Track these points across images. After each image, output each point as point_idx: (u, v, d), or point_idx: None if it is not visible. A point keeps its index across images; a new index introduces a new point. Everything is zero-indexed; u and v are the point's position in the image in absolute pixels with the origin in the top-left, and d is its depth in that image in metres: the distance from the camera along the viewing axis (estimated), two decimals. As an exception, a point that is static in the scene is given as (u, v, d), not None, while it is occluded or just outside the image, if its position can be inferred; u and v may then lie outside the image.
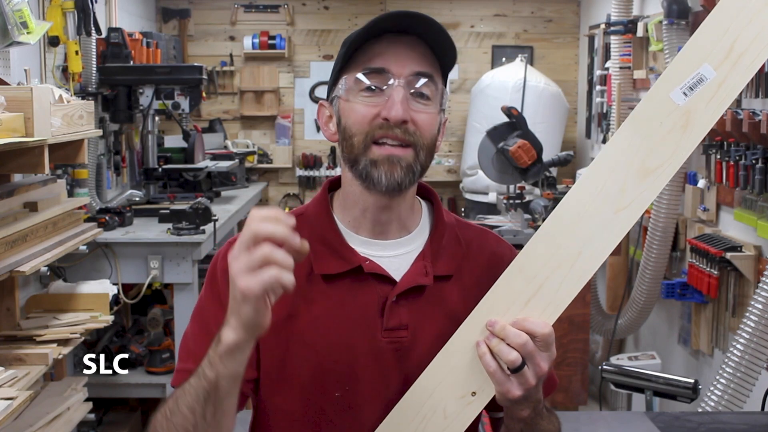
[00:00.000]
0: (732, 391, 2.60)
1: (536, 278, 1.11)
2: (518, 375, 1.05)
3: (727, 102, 1.09)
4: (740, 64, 1.08)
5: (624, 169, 1.10)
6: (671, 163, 1.09)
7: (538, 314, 1.09)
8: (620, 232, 1.10)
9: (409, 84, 1.15)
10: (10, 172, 2.69)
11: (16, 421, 2.44)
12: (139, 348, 3.67)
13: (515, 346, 1.05)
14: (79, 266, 3.29)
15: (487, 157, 3.85)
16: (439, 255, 1.24)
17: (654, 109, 1.11)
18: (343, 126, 1.18)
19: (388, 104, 1.13)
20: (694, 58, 1.09)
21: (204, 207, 3.48)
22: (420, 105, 1.16)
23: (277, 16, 5.76)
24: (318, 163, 5.78)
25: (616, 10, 4.14)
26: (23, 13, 2.67)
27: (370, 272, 1.19)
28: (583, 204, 1.11)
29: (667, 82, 1.10)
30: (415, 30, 1.16)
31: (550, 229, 1.12)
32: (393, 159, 1.14)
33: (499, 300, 1.11)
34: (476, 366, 1.10)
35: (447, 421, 1.12)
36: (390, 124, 1.13)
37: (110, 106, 3.89)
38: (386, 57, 1.15)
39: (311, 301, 1.19)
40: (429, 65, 1.17)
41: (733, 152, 2.89)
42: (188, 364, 1.16)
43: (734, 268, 2.99)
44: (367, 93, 1.15)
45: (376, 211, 1.21)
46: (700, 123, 1.09)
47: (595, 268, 1.10)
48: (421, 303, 1.20)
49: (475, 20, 5.79)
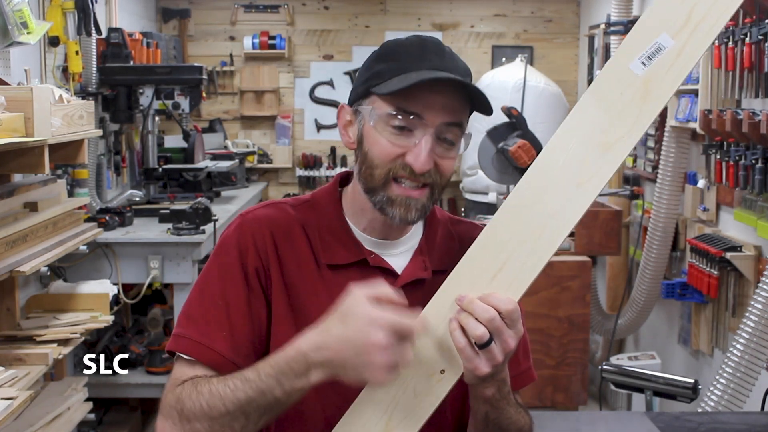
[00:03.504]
0: (732, 391, 2.60)
1: (501, 254, 1.10)
2: (486, 351, 1.05)
3: (686, 70, 1.08)
4: (698, 32, 1.07)
5: (585, 142, 1.10)
6: (631, 135, 1.09)
7: (504, 290, 1.08)
8: (583, 205, 1.10)
9: (438, 132, 1.16)
10: (10, 172, 2.69)
11: (16, 421, 2.44)
12: (139, 348, 3.67)
13: (483, 321, 1.04)
14: (79, 266, 3.29)
15: (487, 157, 3.85)
16: (435, 251, 1.28)
17: (613, 80, 1.10)
18: (365, 151, 1.20)
19: (415, 151, 1.15)
20: (651, 27, 1.09)
21: (204, 207, 3.48)
22: (445, 151, 1.18)
23: (277, 16, 5.76)
24: (318, 163, 5.78)
25: (616, 10, 4.14)
26: (23, 13, 2.67)
27: (375, 265, 1.23)
28: (545, 178, 1.11)
29: (625, 53, 1.10)
30: (459, 83, 1.16)
31: (514, 204, 1.12)
32: (410, 201, 1.17)
33: (464, 277, 1.11)
34: (444, 343, 1.09)
35: (417, 399, 1.11)
36: (413, 170, 1.16)
37: (110, 106, 3.89)
38: (423, 102, 1.15)
39: (318, 290, 1.22)
40: (460, 114, 1.18)
41: (733, 152, 2.89)
42: (188, 330, 1.19)
43: (734, 268, 2.99)
44: (397, 131, 1.16)
45: (381, 226, 1.25)
46: (659, 93, 1.08)
47: (558, 242, 1.09)
48: (421, 296, 1.21)
49: (475, 20, 5.79)
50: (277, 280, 1.21)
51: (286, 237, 1.23)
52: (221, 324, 1.19)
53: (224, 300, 1.20)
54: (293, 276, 1.22)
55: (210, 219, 3.47)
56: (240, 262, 1.21)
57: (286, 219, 1.25)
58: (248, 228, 1.23)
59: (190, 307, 1.23)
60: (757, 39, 2.68)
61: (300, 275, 1.22)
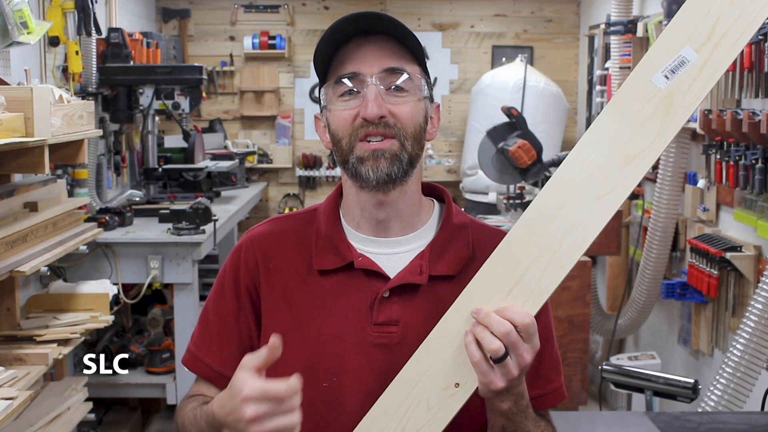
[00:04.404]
0: (732, 391, 2.60)
1: (518, 267, 1.09)
2: (501, 365, 1.04)
3: (710, 84, 1.07)
4: (722, 46, 1.06)
5: (606, 155, 1.09)
6: (653, 149, 1.08)
7: (521, 304, 1.07)
8: (603, 219, 1.09)
9: (381, 80, 1.18)
10: (10, 172, 2.69)
11: (16, 421, 2.45)
12: (139, 348, 3.68)
13: (498, 335, 1.04)
14: (79, 266, 3.29)
15: (487, 157, 3.85)
16: (442, 255, 1.25)
17: (635, 93, 1.09)
18: (332, 132, 1.23)
19: (364, 104, 1.17)
20: (675, 40, 1.08)
21: (204, 207, 3.48)
22: (397, 98, 1.19)
23: (277, 16, 5.76)
24: (318, 163, 5.78)
25: (616, 10, 4.14)
26: (23, 13, 2.67)
27: (362, 268, 1.23)
28: (564, 191, 1.10)
29: (648, 66, 1.09)
30: (377, 29, 1.20)
31: (533, 217, 1.11)
32: (377, 153, 1.18)
33: (481, 290, 1.10)
34: (459, 357, 1.09)
35: (431, 413, 1.10)
36: (369, 122, 1.17)
37: (110, 106, 3.89)
38: (355, 60, 1.19)
39: (309, 294, 1.24)
40: (399, 59, 1.20)
41: (733, 152, 2.89)
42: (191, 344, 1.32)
43: (734, 268, 2.99)
44: (346, 97, 1.20)
45: (372, 209, 1.24)
46: (682, 106, 1.07)
47: (577, 256, 1.08)
48: (415, 301, 1.21)
49: (475, 20, 5.79)
50: (268, 293, 1.26)
51: (281, 249, 1.28)
52: (211, 339, 1.28)
53: (216, 316, 1.29)
54: (287, 285, 1.25)
55: (210, 219, 3.47)
56: (233, 280, 1.29)
57: (281, 232, 1.30)
58: (244, 247, 1.30)
59: (197, 323, 1.34)
60: (757, 39, 2.68)
61: (293, 284, 1.25)
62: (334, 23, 1.19)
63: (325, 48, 1.21)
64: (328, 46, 1.20)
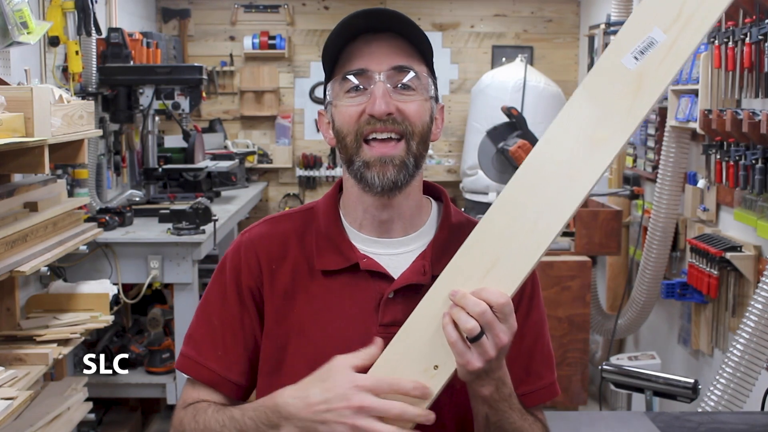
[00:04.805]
0: (732, 391, 2.60)
1: (494, 249, 1.10)
2: (477, 345, 1.05)
3: (678, 65, 1.08)
4: (690, 26, 1.07)
5: (578, 136, 1.10)
6: (624, 129, 1.09)
7: (497, 285, 1.08)
8: (576, 199, 1.09)
9: (389, 78, 1.18)
10: (10, 172, 2.69)
11: (16, 421, 2.44)
12: (139, 348, 3.68)
13: (474, 314, 1.05)
14: (79, 266, 3.29)
15: (487, 157, 3.86)
16: (442, 255, 1.24)
17: (605, 74, 1.10)
18: (336, 129, 1.22)
19: (371, 100, 1.17)
20: (644, 22, 1.09)
21: (204, 207, 3.48)
22: (404, 96, 1.19)
23: (277, 16, 5.76)
24: (318, 163, 5.78)
25: (616, 10, 4.14)
26: (23, 13, 2.67)
27: (367, 269, 1.22)
28: (537, 173, 1.11)
29: (617, 48, 1.10)
30: (387, 26, 1.20)
31: (507, 199, 1.11)
32: (385, 159, 1.17)
33: (458, 273, 1.11)
34: (437, 339, 1.09)
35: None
36: (376, 119, 1.17)
37: (110, 106, 3.89)
38: (363, 56, 1.19)
39: (312, 295, 1.23)
40: (407, 57, 1.20)
41: (733, 152, 2.89)
42: (188, 349, 1.28)
43: (734, 268, 2.99)
44: (352, 93, 1.19)
45: (375, 211, 1.24)
46: (651, 87, 1.08)
47: (551, 237, 1.09)
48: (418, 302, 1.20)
49: (475, 20, 5.79)
50: (271, 294, 1.24)
51: (281, 250, 1.26)
52: (215, 343, 1.26)
53: (220, 320, 1.26)
54: (288, 286, 1.24)
55: (210, 219, 3.47)
56: (235, 282, 1.26)
57: (281, 232, 1.28)
58: (243, 248, 1.28)
59: (192, 327, 1.30)
60: (757, 39, 2.68)
61: (295, 285, 1.24)
62: (344, 19, 1.18)
63: (333, 43, 1.20)
64: (336, 41, 1.20)
